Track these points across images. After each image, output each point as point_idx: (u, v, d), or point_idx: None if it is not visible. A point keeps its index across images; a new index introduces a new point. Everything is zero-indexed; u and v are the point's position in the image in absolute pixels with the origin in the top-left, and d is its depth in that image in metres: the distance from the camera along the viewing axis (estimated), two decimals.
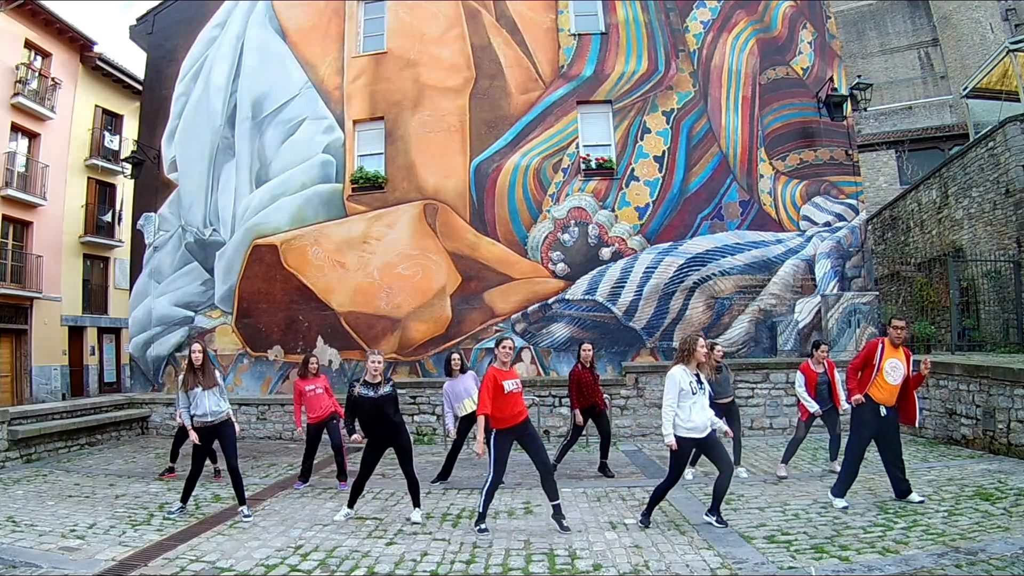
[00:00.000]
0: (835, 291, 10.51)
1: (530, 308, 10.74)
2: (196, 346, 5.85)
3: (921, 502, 5.30)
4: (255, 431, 10.51)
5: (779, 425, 9.46)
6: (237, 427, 5.94)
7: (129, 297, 12.75)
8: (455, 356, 7.09)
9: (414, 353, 10.82)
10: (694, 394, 4.86)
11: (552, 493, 5.07)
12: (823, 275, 10.60)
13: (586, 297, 10.67)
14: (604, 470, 7.13)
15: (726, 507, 5.47)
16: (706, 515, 5.08)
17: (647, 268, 10.65)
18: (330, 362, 10.92)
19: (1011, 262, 10.58)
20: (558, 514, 5.04)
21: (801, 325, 10.49)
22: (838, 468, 6.55)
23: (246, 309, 11.58)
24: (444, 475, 6.98)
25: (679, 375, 4.91)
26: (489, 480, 5.07)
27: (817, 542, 4.49)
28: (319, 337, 11.11)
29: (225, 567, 4.38)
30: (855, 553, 4.23)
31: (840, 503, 5.34)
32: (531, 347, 10.62)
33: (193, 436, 5.70)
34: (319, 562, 4.46)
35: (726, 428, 5.13)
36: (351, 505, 5.55)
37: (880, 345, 5.49)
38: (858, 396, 5.42)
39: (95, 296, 19.07)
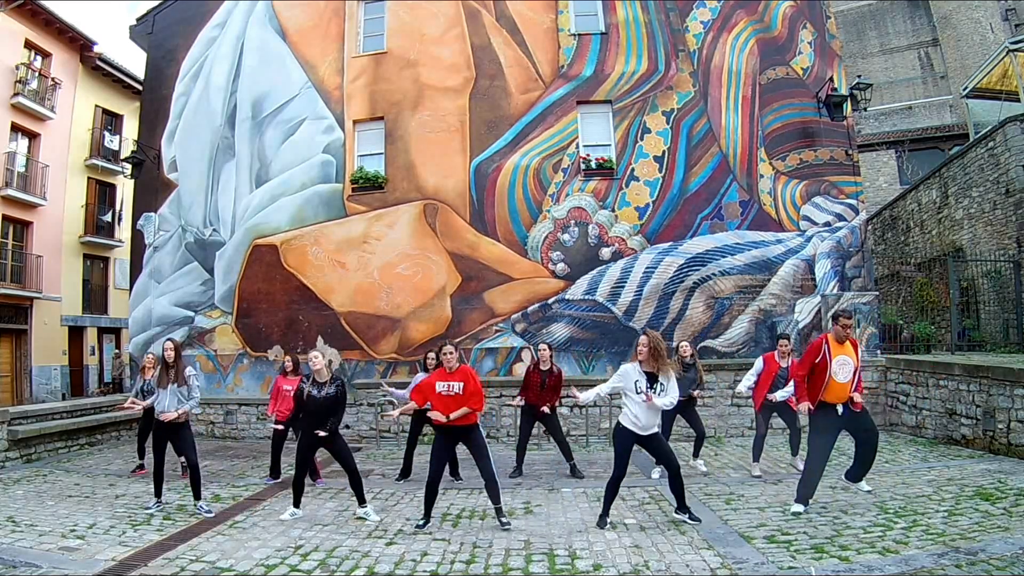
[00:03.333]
0: (835, 291, 10.51)
1: (530, 308, 10.74)
2: (168, 343, 5.99)
3: (869, 492, 5.41)
4: (255, 431, 10.52)
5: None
6: (190, 423, 6.05)
7: (129, 297, 12.75)
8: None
9: (414, 353, 10.80)
10: (638, 393, 4.88)
11: (493, 498, 5.19)
12: (823, 275, 10.59)
13: (586, 297, 10.66)
14: (573, 472, 7.06)
15: (726, 507, 5.49)
16: (676, 513, 5.15)
17: (647, 268, 10.64)
18: (330, 362, 10.88)
19: (1011, 262, 10.58)
20: (499, 515, 5.16)
21: (801, 325, 10.48)
22: (800, 465, 6.50)
23: (246, 309, 11.58)
24: (406, 473, 7.11)
25: (628, 371, 4.99)
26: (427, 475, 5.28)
27: (817, 542, 4.49)
28: (319, 337, 11.10)
29: (225, 567, 4.38)
30: (855, 553, 4.23)
31: (798, 508, 5.18)
32: (531, 347, 10.61)
33: (140, 406, 6.28)
34: (319, 562, 4.46)
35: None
36: (296, 505, 5.56)
37: (824, 344, 5.18)
38: (806, 404, 5.15)
39: (95, 296, 19.07)
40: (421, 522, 5.19)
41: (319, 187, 11.54)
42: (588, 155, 11.13)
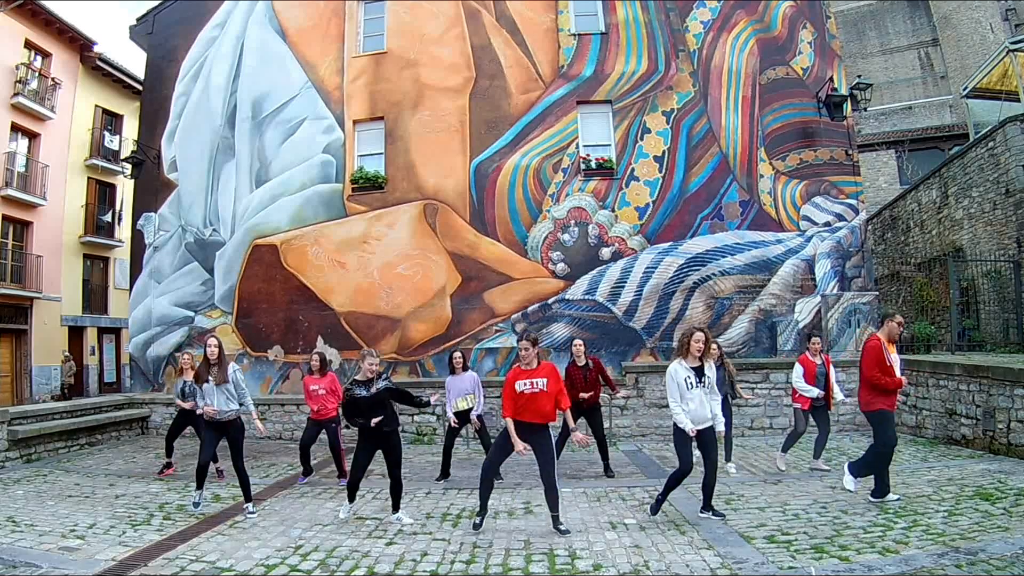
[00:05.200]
0: (835, 291, 10.51)
1: (530, 308, 10.74)
2: (212, 340, 5.76)
3: (897, 499, 5.39)
4: (255, 431, 10.49)
5: (779, 425, 9.45)
6: (246, 428, 5.91)
7: (129, 297, 12.75)
8: (457, 355, 7.32)
9: (414, 353, 10.82)
10: (690, 389, 4.92)
11: (551, 505, 5.00)
12: (823, 275, 10.59)
13: (586, 297, 10.66)
14: (607, 472, 7.12)
15: (726, 507, 5.48)
16: (700, 512, 5.17)
17: (647, 268, 10.64)
18: (330, 362, 10.92)
19: (1011, 262, 10.58)
20: (556, 523, 4.99)
21: (801, 325, 10.48)
22: (822, 466, 6.76)
23: (246, 309, 11.58)
24: (444, 474, 7.07)
25: (676, 371, 4.97)
26: (482, 466, 5.11)
27: (817, 542, 4.49)
28: (319, 337, 11.11)
29: (225, 567, 4.38)
30: (855, 553, 4.23)
31: (893, 497, 5.36)
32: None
33: (208, 410, 5.61)
34: (319, 562, 4.46)
35: (721, 428, 5.12)
36: (351, 500, 5.52)
37: (881, 344, 5.52)
38: (903, 380, 5.52)
39: (95, 296, 19.08)
40: (477, 520, 5.05)
41: (319, 187, 11.54)
42: (588, 155, 11.13)
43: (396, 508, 5.43)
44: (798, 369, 6.71)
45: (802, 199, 10.88)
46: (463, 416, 7.05)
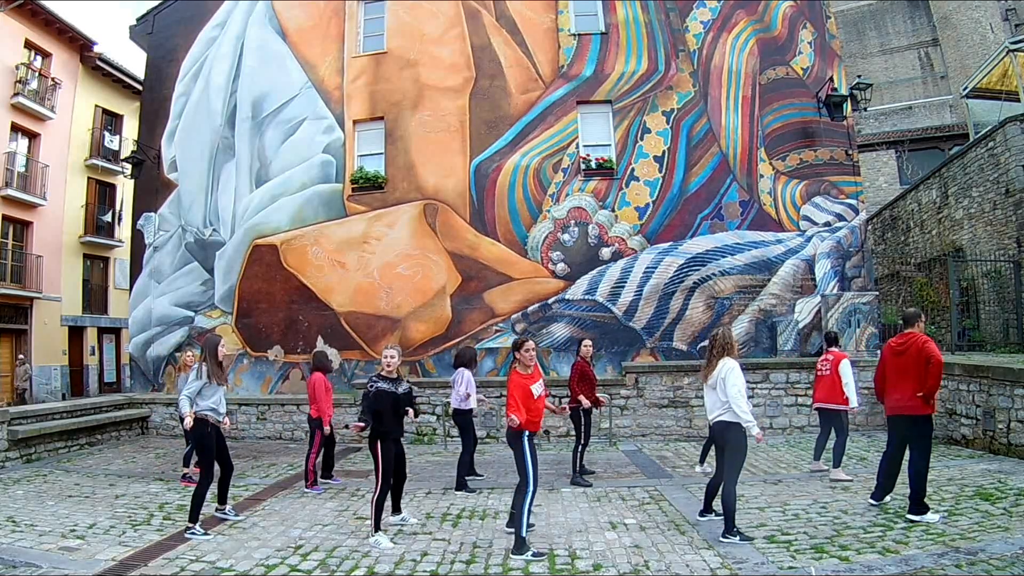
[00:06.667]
0: (835, 291, 10.50)
1: (530, 308, 10.74)
2: (224, 339, 5.78)
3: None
4: (255, 431, 10.51)
5: (779, 425, 9.46)
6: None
7: (129, 297, 12.75)
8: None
9: (414, 353, 10.82)
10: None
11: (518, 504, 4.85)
12: (823, 275, 10.59)
13: (586, 297, 10.66)
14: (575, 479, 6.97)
15: None
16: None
17: (647, 268, 10.64)
18: (331, 362, 10.92)
19: (1011, 262, 10.58)
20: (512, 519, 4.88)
21: (801, 325, 10.48)
22: (823, 466, 6.57)
23: (246, 309, 11.58)
24: (470, 475, 6.90)
25: (738, 367, 4.78)
26: (531, 489, 4.58)
27: (817, 542, 4.49)
28: (319, 337, 11.11)
29: (225, 567, 4.38)
30: (855, 553, 4.23)
31: (934, 517, 4.83)
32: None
33: (188, 422, 5.25)
34: (319, 562, 4.46)
35: None
36: (399, 510, 5.41)
37: None
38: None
39: (95, 296, 19.09)
40: (535, 550, 4.57)
41: (319, 187, 11.54)
42: (588, 155, 11.13)
43: (397, 509, 5.41)
44: (849, 366, 6.35)
45: (802, 199, 10.88)
46: (463, 412, 7.07)
